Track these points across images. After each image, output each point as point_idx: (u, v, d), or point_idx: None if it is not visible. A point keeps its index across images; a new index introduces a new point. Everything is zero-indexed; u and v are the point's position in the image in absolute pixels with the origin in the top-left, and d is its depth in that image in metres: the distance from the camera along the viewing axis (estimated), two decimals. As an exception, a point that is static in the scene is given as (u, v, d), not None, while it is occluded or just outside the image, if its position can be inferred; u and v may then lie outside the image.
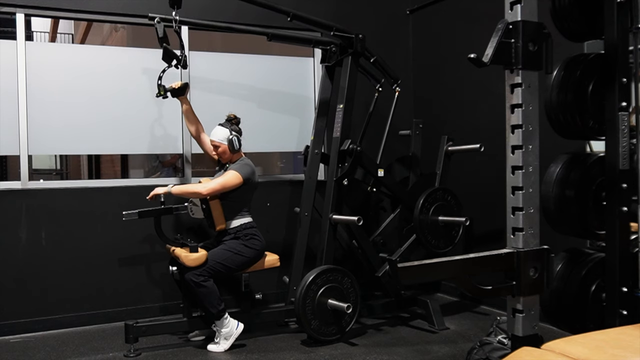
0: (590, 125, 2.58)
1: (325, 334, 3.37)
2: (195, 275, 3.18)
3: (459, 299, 4.44)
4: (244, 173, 3.38)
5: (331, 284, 3.39)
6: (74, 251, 3.87)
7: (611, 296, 2.45)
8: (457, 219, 3.71)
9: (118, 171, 9.05)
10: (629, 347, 1.59)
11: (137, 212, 3.33)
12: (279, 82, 4.54)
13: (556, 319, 2.67)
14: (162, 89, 3.59)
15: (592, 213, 2.58)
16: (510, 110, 2.39)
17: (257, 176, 3.52)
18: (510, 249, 2.40)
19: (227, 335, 3.30)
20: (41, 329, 3.75)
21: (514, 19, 2.35)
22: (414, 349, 3.29)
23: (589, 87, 2.55)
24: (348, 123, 3.68)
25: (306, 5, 4.18)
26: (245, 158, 3.54)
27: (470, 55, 2.26)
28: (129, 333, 3.22)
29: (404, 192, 3.90)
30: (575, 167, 2.58)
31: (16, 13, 3.78)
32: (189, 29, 4.20)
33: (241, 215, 3.45)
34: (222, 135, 3.46)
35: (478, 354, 2.70)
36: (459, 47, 4.35)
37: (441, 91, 4.70)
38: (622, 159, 2.41)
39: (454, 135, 3.95)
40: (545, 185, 2.57)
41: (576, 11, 2.62)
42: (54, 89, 3.88)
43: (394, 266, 2.18)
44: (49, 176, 10.00)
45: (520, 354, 1.64)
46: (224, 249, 3.34)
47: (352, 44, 3.71)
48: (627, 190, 2.41)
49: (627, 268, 2.41)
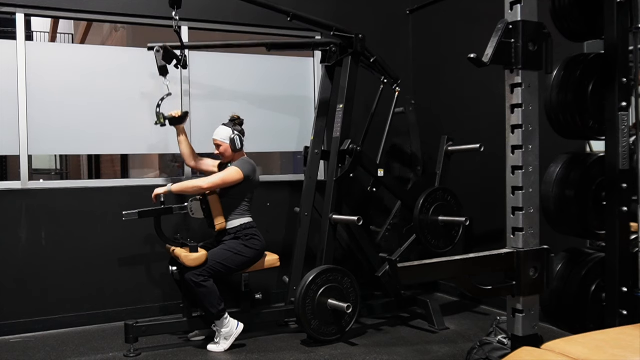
0: (590, 125, 2.58)
1: (325, 334, 3.38)
2: (195, 275, 3.18)
3: (459, 299, 4.44)
4: (245, 169, 3.38)
5: (331, 284, 3.39)
6: (74, 251, 3.87)
7: (611, 296, 2.45)
8: (457, 219, 3.71)
9: (118, 171, 9.06)
10: (629, 347, 1.59)
11: (137, 212, 3.33)
12: (279, 82, 4.54)
13: (556, 319, 2.67)
14: (161, 117, 3.60)
15: (592, 213, 2.58)
16: (510, 110, 2.39)
17: (258, 175, 3.52)
18: (510, 249, 2.40)
19: (227, 335, 3.30)
20: (41, 329, 3.75)
21: (514, 19, 2.35)
22: (414, 349, 3.29)
23: (589, 87, 2.55)
24: (348, 123, 3.68)
25: (306, 5, 4.17)
26: (247, 157, 3.55)
27: (470, 55, 2.26)
28: (129, 333, 3.22)
29: (404, 192, 3.90)
30: (575, 167, 2.57)
31: (16, 13, 3.78)
32: (189, 29, 4.20)
33: (241, 215, 3.45)
34: (224, 135, 3.47)
35: (478, 354, 2.70)
36: (459, 47, 4.35)
37: (441, 91, 4.70)
38: (622, 159, 2.41)
39: (454, 135, 3.95)
40: (545, 185, 2.57)
41: (576, 11, 2.62)
42: (54, 89, 3.88)
43: (394, 266, 2.18)
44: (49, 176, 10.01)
45: (520, 354, 1.64)
46: (224, 249, 3.34)
47: (352, 44, 3.71)
48: (627, 190, 2.41)
49: (627, 268, 2.41)
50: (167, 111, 3.63)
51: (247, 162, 3.46)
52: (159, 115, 3.60)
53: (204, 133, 4.21)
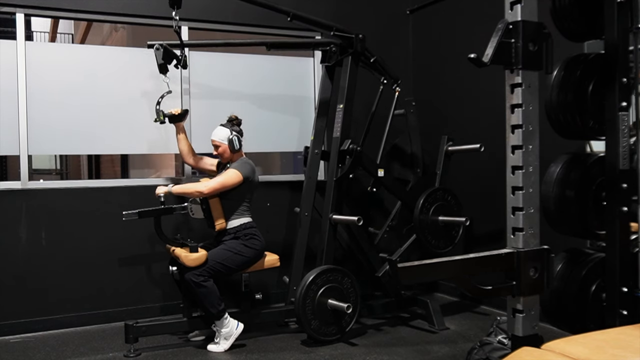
0: (590, 125, 2.58)
1: (325, 334, 3.37)
2: (195, 276, 3.18)
3: (459, 299, 4.44)
4: (244, 171, 3.38)
5: (331, 284, 3.39)
6: (74, 251, 3.87)
7: (611, 296, 2.45)
8: (457, 219, 3.71)
9: (118, 171, 9.06)
10: (629, 347, 1.59)
11: (137, 212, 3.33)
12: (279, 82, 4.54)
13: (556, 319, 2.67)
14: (160, 114, 3.61)
15: (592, 213, 2.58)
16: (510, 110, 2.39)
17: (257, 175, 3.52)
18: (510, 249, 2.40)
19: (227, 335, 3.30)
20: (41, 329, 3.75)
21: (514, 19, 2.35)
22: (414, 349, 3.29)
23: (589, 87, 2.55)
24: (348, 123, 3.68)
25: (306, 5, 4.17)
26: (246, 157, 3.54)
27: (470, 55, 2.26)
28: (129, 333, 3.22)
29: (404, 192, 3.90)
30: (575, 167, 2.58)
31: (16, 13, 3.78)
32: (189, 29, 4.20)
33: (241, 215, 3.45)
34: (223, 135, 3.47)
35: (478, 354, 2.71)
36: (459, 47, 4.35)
37: (441, 91, 4.70)
38: (622, 159, 2.41)
39: (454, 135, 3.95)
40: (545, 185, 2.57)
41: (576, 11, 2.62)
42: (54, 89, 3.88)
43: (394, 266, 2.18)
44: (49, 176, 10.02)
45: (520, 354, 1.64)
46: (224, 249, 3.34)
47: (352, 44, 3.71)
48: (627, 190, 2.41)
49: (627, 268, 2.41)
50: (167, 109, 3.64)
51: (246, 163, 3.46)
52: (159, 113, 3.60)
53: (204, 133, 4.20)
